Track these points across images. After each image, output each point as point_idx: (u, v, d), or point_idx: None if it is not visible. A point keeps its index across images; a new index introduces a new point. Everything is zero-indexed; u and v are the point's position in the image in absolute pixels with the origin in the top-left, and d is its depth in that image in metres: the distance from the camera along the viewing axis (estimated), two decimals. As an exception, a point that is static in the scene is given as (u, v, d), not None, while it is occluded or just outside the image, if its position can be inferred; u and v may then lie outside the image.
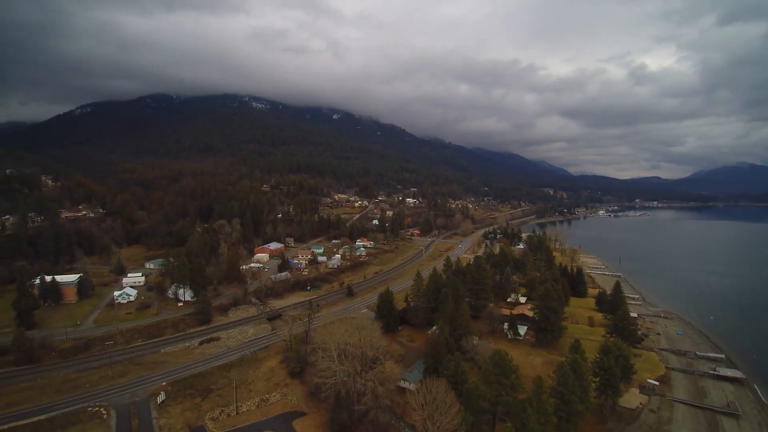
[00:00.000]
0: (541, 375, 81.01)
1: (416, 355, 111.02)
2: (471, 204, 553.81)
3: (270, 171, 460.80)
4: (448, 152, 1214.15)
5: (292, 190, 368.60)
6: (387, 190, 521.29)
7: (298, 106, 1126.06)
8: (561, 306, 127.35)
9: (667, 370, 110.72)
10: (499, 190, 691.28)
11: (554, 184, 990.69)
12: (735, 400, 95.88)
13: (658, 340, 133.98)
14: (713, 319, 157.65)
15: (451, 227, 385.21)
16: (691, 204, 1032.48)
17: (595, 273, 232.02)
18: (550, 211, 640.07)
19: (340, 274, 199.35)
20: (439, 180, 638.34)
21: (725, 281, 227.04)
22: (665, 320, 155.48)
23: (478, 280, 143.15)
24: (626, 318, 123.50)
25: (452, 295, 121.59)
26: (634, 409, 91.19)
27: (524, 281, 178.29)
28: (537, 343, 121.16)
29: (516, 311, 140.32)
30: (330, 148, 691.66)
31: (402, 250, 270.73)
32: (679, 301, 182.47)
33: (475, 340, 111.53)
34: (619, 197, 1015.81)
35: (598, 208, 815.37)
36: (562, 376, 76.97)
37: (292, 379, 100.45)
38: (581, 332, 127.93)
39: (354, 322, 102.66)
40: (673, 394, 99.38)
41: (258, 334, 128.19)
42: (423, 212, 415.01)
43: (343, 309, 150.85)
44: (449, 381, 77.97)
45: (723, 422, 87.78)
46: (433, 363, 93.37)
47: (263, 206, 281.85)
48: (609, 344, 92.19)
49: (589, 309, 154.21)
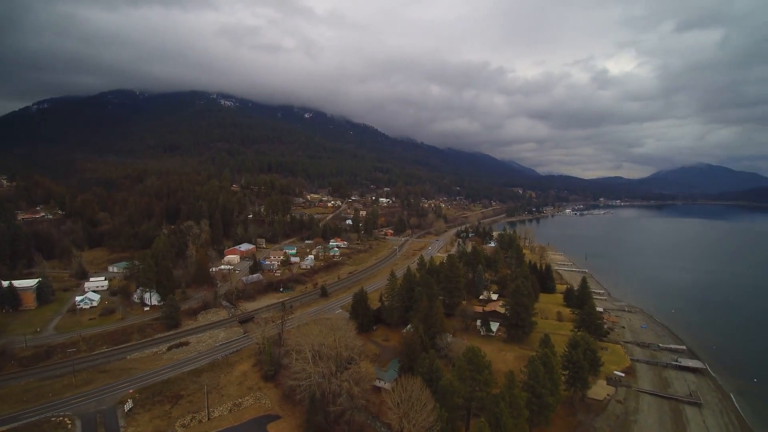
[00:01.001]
0: (513, 370, 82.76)
1: (391, 354, 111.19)
2: (444, 203, 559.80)
3: (240, 170, 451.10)
4: (421, 152, 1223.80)
5: (264, 190, 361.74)
6: (360, 190, 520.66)
7: (269, 104, 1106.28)
8: (531, 302, 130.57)
9: (632, 362, 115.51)
10: (470, 190, 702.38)
11: (523, 183, 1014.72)
12: (697, 390, 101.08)
13: (623, 333, 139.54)
14: (674, 312, 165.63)
15: (424, 226, 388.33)
16: (652, 203, 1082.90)
17: (563, 269, 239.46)
18: (519, 210, 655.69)
19: (313, 275, 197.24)
20: (413, 180, 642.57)
21: (685, 276, 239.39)
22: (629, 314, 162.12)
23: (452, 278, 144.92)
24: (593, 313, 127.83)
25: (426, 294, 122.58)
26: (602, 400, 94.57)
27: (496, 279, 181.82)
28: (509, 338, 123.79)
29: (488, 308, 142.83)
30: (302, 148, 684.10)
31: (376, 250, 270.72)
32: (642, 295, 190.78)
33: (449, 337, 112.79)
34: (585, 196, 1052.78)
35: (565, 206, 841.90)
36: (533, 370, 78.89)
37: (266, 383, 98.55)
38: (551, 327, 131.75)
39: (328, 322, 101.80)
40: (639, 384, 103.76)
41: (229, 338, 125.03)
42: (396, 212, 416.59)
43: (317, 310, 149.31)
44: (424, 379, 78.46)
45: (686, 411, 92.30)
46: (408, 361, 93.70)
47: (233, 207, 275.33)
48: (577, 338, 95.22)
49: (557, 304, 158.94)
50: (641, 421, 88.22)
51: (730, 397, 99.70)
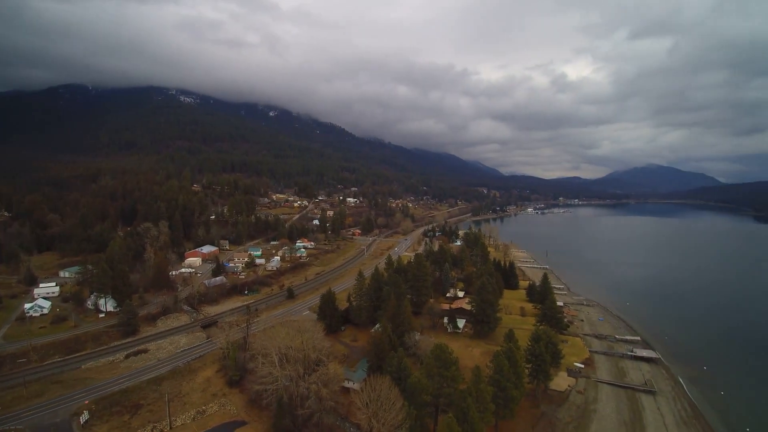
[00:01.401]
0: (480, 365, 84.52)
1: (360, 354, 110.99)
2: (411, 203, 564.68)
3: (201, 170, 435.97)
4: (388, 152, 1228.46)
5: (227, 190, 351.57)
6: (327, 190, 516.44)
7: (232, 101, 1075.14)
8: (496, 299, 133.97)
9: (591, 354, 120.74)
10: (437, 190, 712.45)
11: (488, 183, 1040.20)
12: (651, 378, 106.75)
13: (582, 326, 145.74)
14: (629, 305, 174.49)
15: (392, 226, 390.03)
16: (608, 201, 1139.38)
17: (525, 266, 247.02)
18: (484, 209, 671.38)
19: (279, 277, 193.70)
20: (380, 179, 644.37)
21: (638, 271, 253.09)
22: (588, 307, 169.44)
23: (419, 277, 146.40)
24: (554, 307, 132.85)
25: (394, 293, 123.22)
26: (563, 391, 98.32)
27: (462, 276, 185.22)
28: (475, 334, 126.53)
29: (455, 305, 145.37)
30: (267, 146, 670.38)
31: (344, 250, 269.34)
32: (599, 289, 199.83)
33: (417, 335, 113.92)
34: (545, 196, 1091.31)
35: (527, 206, 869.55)
36: (498, 364, 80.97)
37: (231, 388, 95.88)
38: (514, 322, 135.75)
39: (295, 324, 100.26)
40: (597, 375, 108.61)
41: (191, 344, 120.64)
42: (364, 212, 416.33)
43: (283, 312, 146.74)
44: (393, 377, 78.80)
45: (642, 399, 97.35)
46: (377, 361, 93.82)
47: (194, 207, 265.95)
48: (539, 332, 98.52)
49: (521, 300, 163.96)
50: (600, 410, 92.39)
51: (681, 384, 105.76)
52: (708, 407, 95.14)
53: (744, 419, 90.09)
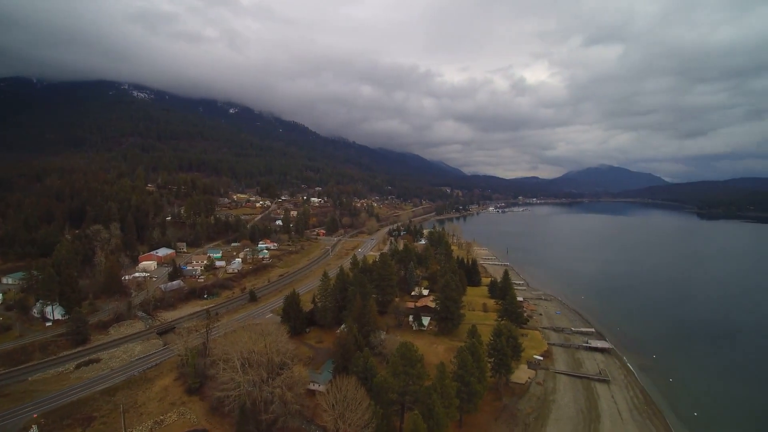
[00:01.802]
0: (444, 361, 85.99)
1: (325, 356, 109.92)
2: (376, 203, 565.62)
3: (156, 168, 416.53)
4: (353, 152, 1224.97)
5: (184, 190, 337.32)
6: (291, 190, 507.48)
7: (190, 97, 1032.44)
8: (459, 296, 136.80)
9: (549, 346, 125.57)
10: (402, 189, 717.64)
11: (451, 183, 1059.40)
12: (605, 368, 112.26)
13: (541, 320, 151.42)
14: (584, 298, 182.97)
15: (356, 226, 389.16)
16: (563, 200, 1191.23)
17: (487, 263, 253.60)
18: (448, 209, 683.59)
19: (241, 279, 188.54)
20: (344, 179, 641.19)
21: (592, 266, 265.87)
22: (546, 302, 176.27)
23: (384, 276, 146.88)
24: (514, 302, 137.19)
25: (359, 293, 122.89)
26: (524, 383, 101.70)
27: (427, 275, 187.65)
28: (440, 331, 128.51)
29: (420, 303, 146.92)
30: (227, 144, 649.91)
31: (308, 251, 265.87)
32: (556, 284, 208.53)
33: (383, 334, 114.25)
34: (506, 195, 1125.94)
35: (489, 204, 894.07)
36: (462, 360, 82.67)
37: (190, 396, 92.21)
38: (477, 318, 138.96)
39: (258, 328, 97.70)
40: (555, 366, 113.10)
41: (147, 351, 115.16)
42: (328, 211, 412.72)
43: (245, 315, 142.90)
44: (359, 377, 78.64)
45: (597, 387, 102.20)
46: (343, 361, 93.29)
47: (148, 208, 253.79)
48: (500, 327, 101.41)
49: (483, 296, 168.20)
50: (558, 400, 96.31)
51: (633, 373, 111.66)
52: (658, 394, 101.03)
53: (691, 404, 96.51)
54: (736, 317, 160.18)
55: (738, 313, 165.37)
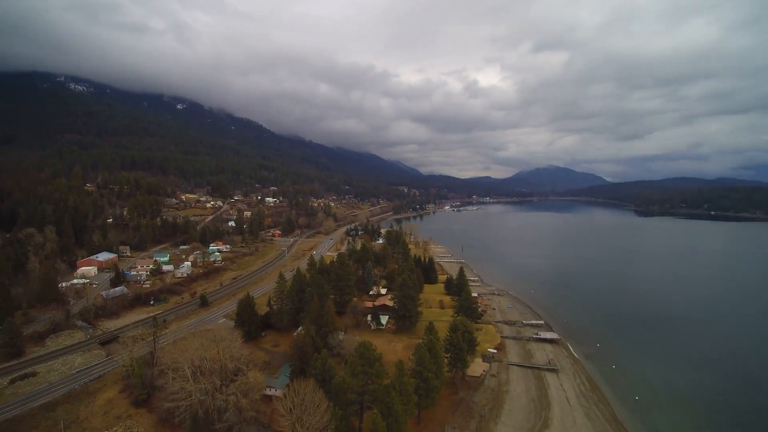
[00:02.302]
0: (402, 359, 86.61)
1: (282, 359, 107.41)
2: (333, 202, 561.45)
3: (96, 167, 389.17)
4: (310, 151, 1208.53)
5: (127, 190, 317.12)
6: (244, 189, 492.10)
7: (133, 91, 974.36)
8: (417, 293, 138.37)
9: (502, 339, 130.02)
10: (359, 189, 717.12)
11: (408, 182, 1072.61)
12: (554, 358, 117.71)
13: (494, 315, 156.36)
14: (533, 292, 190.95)
15: (314, 226, 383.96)
16: (515, 199, 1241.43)
17: (443, 261, 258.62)
18: (405, 208, 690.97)
19: (191, 284, 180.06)
20: (301, 178, 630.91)
21: (541, 261, 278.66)
22: (498, 297, 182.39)
23: (342, 276, 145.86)
24: (469, 298, 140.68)
25: (317, 294, 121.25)
26: (479, 376, 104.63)
27: (385, 274, 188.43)
28: (398, 329, 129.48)
29: (378, 302, 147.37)
30: (175, 142, 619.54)
31: (263, 252, 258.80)
32: (508, 279, 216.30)
33: (341, 335, 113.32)
34: (461, 194, 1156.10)
35: (445, 204, 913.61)
36: (419, 357, 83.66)
37: (138, 409, 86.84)
38: (434, 315, 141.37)
39: (210, 334, 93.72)
40: (508, 358, 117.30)
41: (88, 363, 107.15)
42: (284, 212, 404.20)
43: (196, 321, 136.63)
44: (317, 380, 77.51)
45: (546, 377, 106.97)
46: (300, 364, 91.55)
47: (87, 210, 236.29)
48: (456, 322, 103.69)
49: (439, 293, 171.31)
50: (512, 390, 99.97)
51: (580, 361, 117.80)
52: (602, 380, 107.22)
53: (632, 388, 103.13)
54: (671, 306, 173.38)
55: (672, 302, 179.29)
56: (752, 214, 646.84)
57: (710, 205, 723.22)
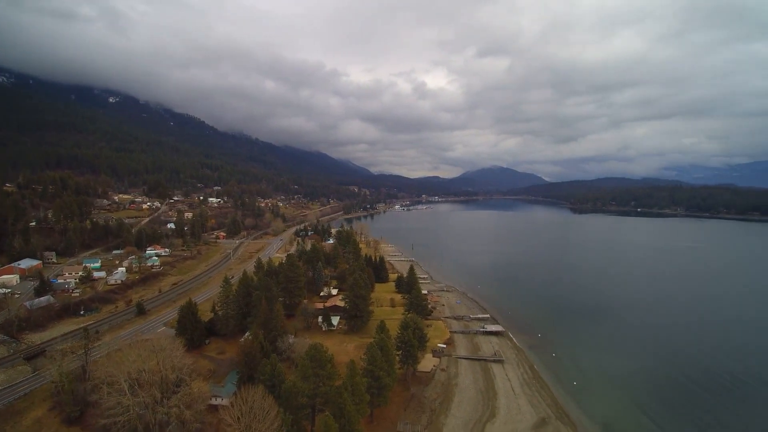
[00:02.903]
0: (354, 358, 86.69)
1: (229, 367, 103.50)
2: (282, 202, 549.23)
3: (16, 165, 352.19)
4: (256, 149, 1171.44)
5: (52, 190, 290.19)
6: (185, 189, 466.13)
7: (59, 82, 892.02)
8: (368, 293, 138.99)
9: (451, 334, 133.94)
10: (309, 188, 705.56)
11: (359, 182, 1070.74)
12: (500, 349, 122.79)
13: (443, 310, 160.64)
14: (480, 287, 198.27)
15: (261, 227, 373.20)
16: (462, 198, 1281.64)
17: (394, 260, 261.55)
18: (355, 207, 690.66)
19: (126, 291, 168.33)
20: (247, 178, 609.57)
21: (486, 256, 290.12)
22: (447, 293, 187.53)
23: (292, 278, 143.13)
24: (419, 296, 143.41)
25: (265, 297, 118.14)
26: (429, 371, 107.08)
27: (335, 274, 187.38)
28: (349, 329, 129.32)
29: (329, 303, 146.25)
30: (106, 138, 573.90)
31: (206, 256, 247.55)
32: (456, 275, 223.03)
33: (291, 338, 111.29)
34: (410, 193, 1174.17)
35: (395, 203, 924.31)
36: (371, 356, 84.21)
37: (70, 427, 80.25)
38: (385, 313, 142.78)
39: (149, 344, 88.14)
40: (457, 352, 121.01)
41: (13, 380, 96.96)
42: (229, 212, 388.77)
43: (133, 331, 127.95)
44: (266, 386, 75.56)
45: (493, 368, 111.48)
46: (248, 371, 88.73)
47: (7, 212, 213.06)
48: (407, 320, 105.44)
49: (390, 292, 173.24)
50: (461, 383, 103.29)
51: (523, 351, 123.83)
52: (544, 368, 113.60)
53: (570, 374, 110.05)
54: (604, 296, 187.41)
55: (605, 292, 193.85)
56: (673, 210, 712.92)
57: (637, 203, 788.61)
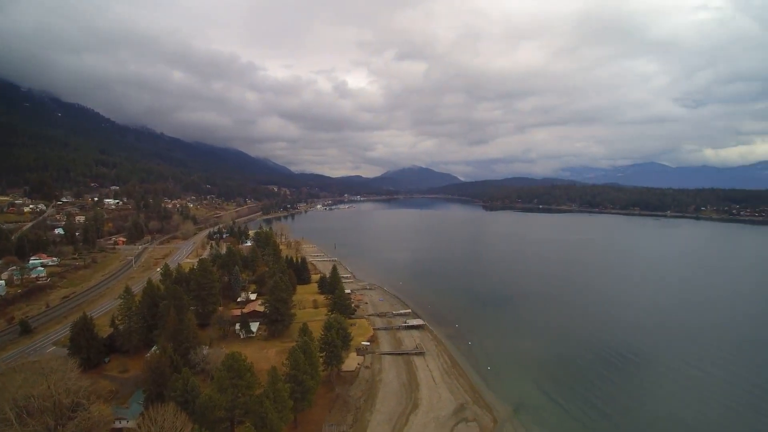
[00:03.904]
0: (276, 364, 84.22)
1: (133, 386, 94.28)
2: (192, 203, 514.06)
3: None
4: (162, 144, 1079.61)
5: None
6: (76, 189, 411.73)
7: None
8: (289, 296, 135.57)
9: (375, 331, 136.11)
10: (224, 188, 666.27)
11: (278, 181, 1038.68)
12: (421, 342, 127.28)
13: (367, 308, 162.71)
14: (401, 284, 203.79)
15: (168, 230, 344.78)
16: (383, 197, 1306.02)
17: (316, 260, 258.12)
18: (275, 208, 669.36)
19: (7, 307, 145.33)
20: (151, 176, 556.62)
21: (407, 253, 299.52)
22: (370, 291, 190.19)
23: (204, 284, 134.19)
24: (342, 295, 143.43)
25: (174, 307, 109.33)
26: (354, 370, 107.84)
27: (254, 278, 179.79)
28: (270, 335, 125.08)
29: (248, 309, 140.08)
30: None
31: (103, 264, 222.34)
32: (379, 273, 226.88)
33: (206, 349, 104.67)
34: (332, 193, 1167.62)
35: (317, 202, 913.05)
36: (294, 360, 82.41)
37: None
38: (308, 315, 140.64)
39: (37, 366, 77.09)
40: (381, 349, 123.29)
41: None
42: (130, 215, 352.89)
43: (17, 353, 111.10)
44: (178, 402, 70.25)
45: (415, 360, 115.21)
46: (156, 388, 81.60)
47: None
48: (331, 320, 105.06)
49: (313, 293, 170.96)
50: (384, 378, 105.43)
51: (443, 342, 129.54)
52: (461, 357, 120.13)
53: (485, 359, 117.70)
54: (515, 286, 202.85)
55: (516, 282, 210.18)
56: (569, 207, 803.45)
57: (539, 200, 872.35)
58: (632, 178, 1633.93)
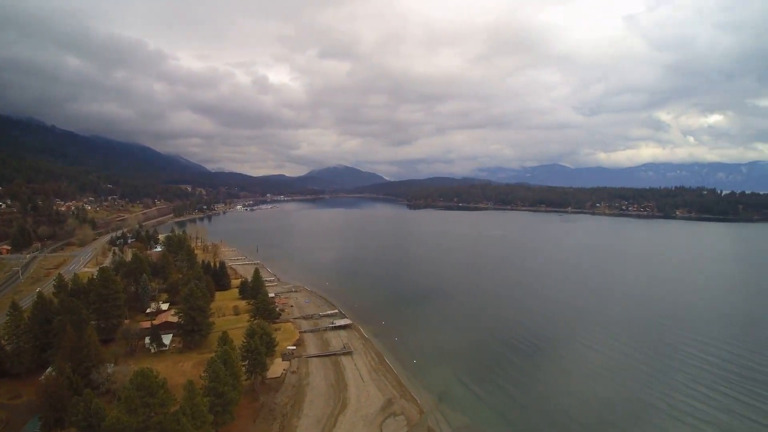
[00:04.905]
0: (193, 378, 79.15)
1: (27, 413, 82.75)
2: (90, 205, 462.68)
3: None
4: (53, 138, 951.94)
5: None
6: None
7: None
8: (207, 303, 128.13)
9: (301, 334, 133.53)
10: (128, 188, 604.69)
11: (193, 180, 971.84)
12: (348, 342, 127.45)
13: (292, 312, 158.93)
14: (328, 284, 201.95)
15: (62, 236, 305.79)
16: (308, 197, 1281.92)
17: (236, 264, 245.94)
18: (189, 209, 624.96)
19: None
20: (40, 175, 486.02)
21: (332, 253, 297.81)
22: (296, 293, 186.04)
23: (106, 296, 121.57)
24: (266, 300, 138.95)
25: (71, 322, 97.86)
26: (279, 376, 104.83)
27: (165, 286, 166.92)
28: (185, 347, 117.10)
29: (159, 320, 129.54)
30: None
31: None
32: (304, 274, 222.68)
33: (111, 367, 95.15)
34: (254, 192, 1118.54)
35: (236, 203, 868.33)
36: (213, 371, 78.15)
37: None
38: (229, 323, 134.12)
39: None
40: (307, 352, 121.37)
41: None
42: (15, 220, 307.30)
43: None
44: (80, 428, 63.45)
45: (343, 360, 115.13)
46: (54, 413, 72.74)
47: None
48: (253, 327, 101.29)
49: (234, 299, 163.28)
50: (312, 382, 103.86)
51: (370, 340, 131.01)
52: (388, 353, 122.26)
53: (410, 354, 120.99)
54: (436, 280, 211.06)
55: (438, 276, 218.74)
56: (485, 205, 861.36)
57: (459, 199, 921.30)
58: (539, 178, 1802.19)
